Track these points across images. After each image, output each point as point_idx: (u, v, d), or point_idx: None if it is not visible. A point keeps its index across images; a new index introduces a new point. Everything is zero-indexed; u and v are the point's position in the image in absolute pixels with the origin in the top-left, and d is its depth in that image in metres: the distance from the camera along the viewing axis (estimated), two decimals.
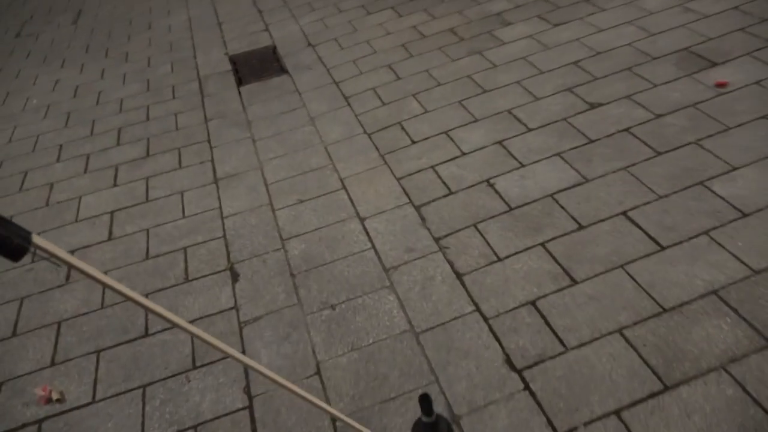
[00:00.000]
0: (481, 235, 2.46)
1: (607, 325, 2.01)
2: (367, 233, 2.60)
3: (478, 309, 2.17)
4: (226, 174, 3.17)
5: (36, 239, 0.74)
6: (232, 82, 4.14)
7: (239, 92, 3.97)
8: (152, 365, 2.20)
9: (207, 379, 2.11)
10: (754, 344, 1.86)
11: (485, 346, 2.04)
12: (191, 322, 2.33)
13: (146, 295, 2.48)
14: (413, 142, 3.10)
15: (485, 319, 2.12)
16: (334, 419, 1.91)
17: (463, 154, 2.93)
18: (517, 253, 2.35)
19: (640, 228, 2.32)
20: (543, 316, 2.09)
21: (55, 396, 2.11)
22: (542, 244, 2.36)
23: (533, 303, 2.14)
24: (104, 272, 2.62)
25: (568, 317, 2.07)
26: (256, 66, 4.33)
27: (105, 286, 0.88)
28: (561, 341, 2.00)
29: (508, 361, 1.98)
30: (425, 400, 1.52)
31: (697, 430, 1.69)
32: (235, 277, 2.52)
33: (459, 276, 2.31)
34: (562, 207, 2.50)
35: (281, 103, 3.74)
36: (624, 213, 2.41)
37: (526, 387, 1.89)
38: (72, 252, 2.81)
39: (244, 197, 2.97)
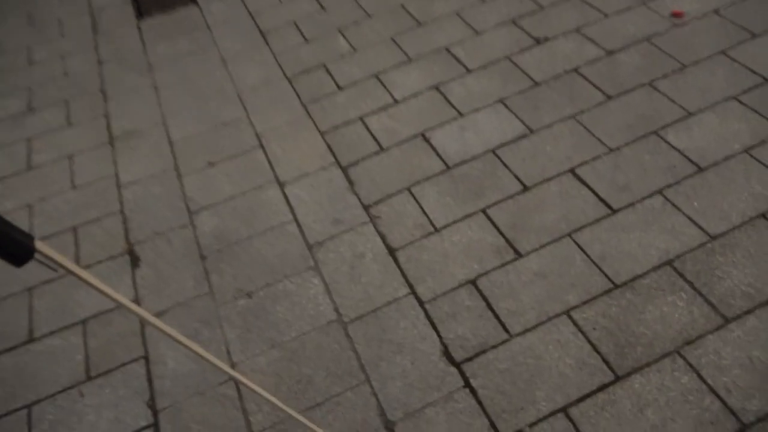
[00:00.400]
0: (416, 200, 2.18)
1: (555, 306, 1.81)
2: (288, 202, 2.28)
3: (413, 291, 1.93)
4: (123, 131, 2.72)
5: (39, 245, 0.76)
6: (130, 15, 3.55)
7: (139, 27, 3.41)
8: (39, 378, 1.88)
9: (104, 393, 1.82)
10: (710, 323, 1.70)
11: (421, 336, 1.81)
12: (84, 321, 2.00)
13: (29, 290, 2.12)
14: (340, 88, 2.72)
15: (421, 304, 1.89)
16: None
17: (396, 102, 2.58)
18: (455, 222, 2.09)
19: (590, 188, 2.10)
20: (484, 298, 1.87)
21: None
22: (483, 211, 2.11)
23: (474, 282, 1.91)
24: None
25: (511, 298, 1.85)
26: None
27: (107, 296, 0.91)
28: (504, 327, 1.79)
29: (447, 354, 1.76)
30: None
31: (650, 427, 1.54)
32: (135, 262, 2.17)
33: (392, 252, 2.05)
34: (506, 165, 2.23)
35: (188, 41, 3.23)
36: (572, 170, 2.17)
37: (467, 384, 1.69)
38: None
39: (144, 160, 2.56)
